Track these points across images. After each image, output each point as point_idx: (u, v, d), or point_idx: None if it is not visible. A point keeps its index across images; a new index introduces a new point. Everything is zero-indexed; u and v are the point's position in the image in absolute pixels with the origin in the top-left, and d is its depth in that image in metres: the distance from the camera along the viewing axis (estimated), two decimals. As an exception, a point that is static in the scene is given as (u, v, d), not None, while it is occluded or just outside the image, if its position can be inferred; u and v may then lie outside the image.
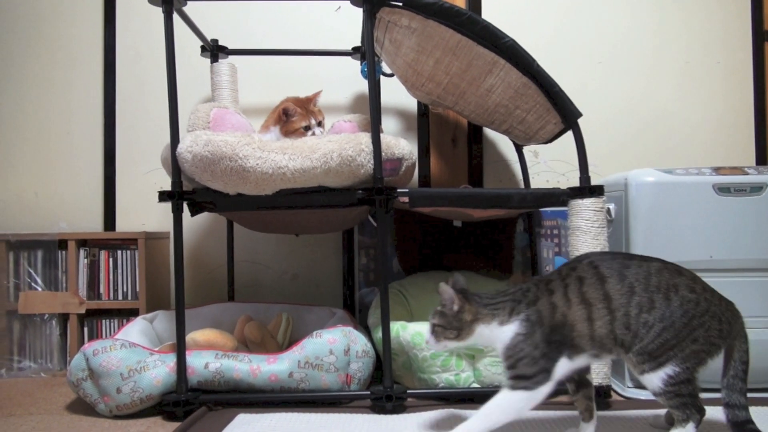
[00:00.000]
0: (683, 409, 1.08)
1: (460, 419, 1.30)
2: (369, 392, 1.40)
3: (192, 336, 1.50)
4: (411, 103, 2.11)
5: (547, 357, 1.09)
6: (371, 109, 1.42)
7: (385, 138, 1.44)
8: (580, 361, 1.11)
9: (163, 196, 1.40)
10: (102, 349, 1.39)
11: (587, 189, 1.42)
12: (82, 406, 1.46)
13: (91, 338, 1.84)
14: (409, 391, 1.40)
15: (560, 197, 1.46)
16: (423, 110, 2.08)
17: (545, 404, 1.11)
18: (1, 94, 2.13)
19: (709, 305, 1.09)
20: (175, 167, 1.40)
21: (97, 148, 2.12)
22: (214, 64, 1.93)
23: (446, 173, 2.06)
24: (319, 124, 1.66)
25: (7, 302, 1.82)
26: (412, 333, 1.46)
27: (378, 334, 1.53)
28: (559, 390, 1.16)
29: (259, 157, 1.30)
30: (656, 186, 1.51)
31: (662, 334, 1.07)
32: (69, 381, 1.40)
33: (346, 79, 2.11)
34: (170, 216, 1.41)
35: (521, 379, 1.08)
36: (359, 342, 1.48)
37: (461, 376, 1.44)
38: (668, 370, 1.07)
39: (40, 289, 1.82)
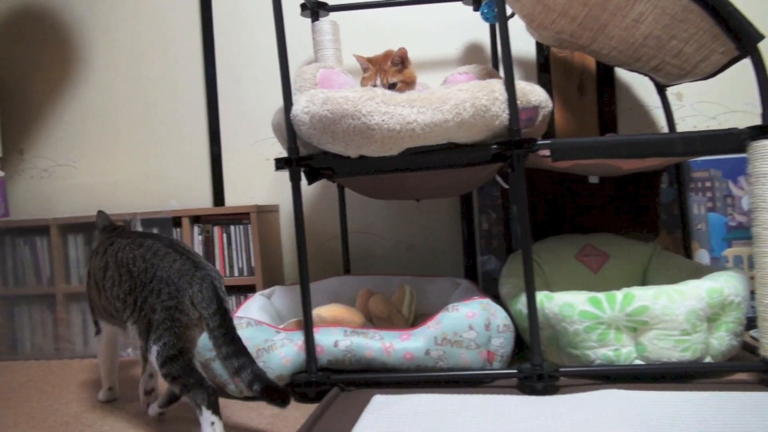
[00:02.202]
0: (187, 393, 1.04)
1: (625, 400, 1.13)
2: (516, 371, 1.25)
3: (317, 312, 1.40)
4: (527, 50, 1.90)
5: (91, 310, 1.30)
6: (503, 51, 1.24)
7: (519, 84, 1.26)
8: (113, 327, 1.23)
9: (280, 163, 1.30)
10: (228, 329, 1.32)
11: (774, 127, 1.18)
12: (211, 387, 1.41)
13: (210, 316, 1.80)
14: (561, 369, 1.24)
15: (738, 139, 1.22)
16: (543, 57, 1.87)
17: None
18: (109, 77, 2.12)
19: (156, 270, 1.07)
20: (290, 131, 1.29)
21: (202, 123, 2.08)
22: (315, 22, 1.80)
23: (572, 125, 1.84)
24: (392, 86, 1.40)
25: (128, 282, 1.81)
26: (560, 304, 1.29)
27: (517, 306, 1.38)
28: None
29: (385, 113, 1.16)
30: None
31: (135, 309, 1.08)
32: (198, 361, 1.35)
33: (454, 29, 1.93)
34: (277, 188, 1.31)
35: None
36: (499, 315, 1.33)
37: (621, 351, 1.26)
38: (154, 345, 1.05)
39: (158, 268, 1.80)
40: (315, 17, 1.81)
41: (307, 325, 1.29)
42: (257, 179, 2.04)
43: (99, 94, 2.12)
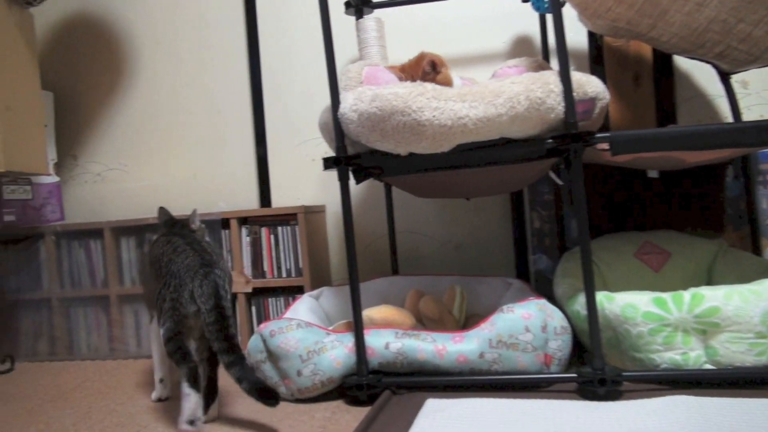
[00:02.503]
0: (177, 367, 1.15)
1: (694, 407, 1.06)
2: (576, 375, 1.19)
3: (367, 314, 1.38)
4: (579, 41, 1.83)
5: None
6: (557, 40, 1.18)
7: (575, 75, 1.21)
8: None
9: (328, 162, 1.28)
10: (278, 330, 1.31)
11: None
12: (262, 389, 1.40)
13: (258, 318, 1.80)
14: (624, 374, 1.17)
15: (817, 127, 1.13)
16: (596, 47, 1.79)
17: None
18: (158, 83, 2.15)
19: (171, 265, 1.19)
20: (338, 130, 1.27)
21: (248, 126, 2.08)
22: (360, 20, 1.78)
23: (628, 117, 1.76)
24: None
25: (179, 284, 1.83)
26: (622, 305, 1.23)
27: (574, 307, 1.32)
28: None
29: (436, 108, 1.12)
30: None
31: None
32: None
33: (501, 21, 1.88)
34: (323, 188, 1.29)
35: None
36: (556, 317, 1.28)
37: (690, 355, 1.19)
38: (161, 328, 1.18)
39: (207, 269, 1.81)
40: (359, 14, 1.79)
41: (357, 327, 1.27)
42: (303, 180, 2.03)
43: (148, 99, 2.16)
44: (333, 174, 2.00)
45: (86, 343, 1.88)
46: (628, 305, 1.22)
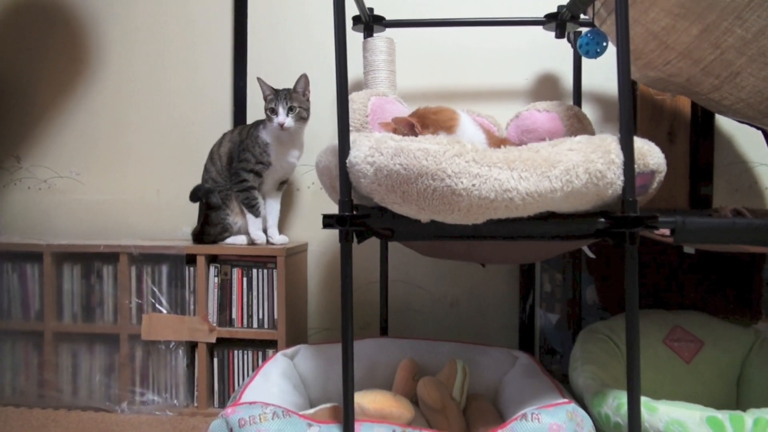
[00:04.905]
0: None
1: None
2: (610, 506, 0.99)
3: (359, 402, 1.14)
4: (609, 87, 1.64)
5: None
6: (622, 98, 0.97)
7: (636, 143, 1.00)
8: None
9: (329, 220, 1.04)
10: (250, 420, 1.06)
11: None
12: (221, 481, 1.15)
13: (221, 374, 1.54)
14: None
15: None
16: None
17: None
18: (125, 81, 1.86)
19: None
20: (344, 182, 1.02)
21: (225, 141, 1.82)
22: (369, 39, 1.54)
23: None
24: None
25: (129, 325, 1.56)
26: (667, 420, 1.02)
27: (601, 409, 1.11)
28: None
29: (477, 175, 0.89)
30: None
31: None
32: None
33: (525, 56, 1.67)
34: (306, 222, 1.06)
35: None
36: (586, 427, 1.07)
37: (746, 491, 0.99)
38: None
39: (165, 311, 1.54)
40: (369, 32, 1.55)
41: (347, 423, 1.03)
42: (284, 210, 1.77)
43: (112, 99, 1.87)
44: (318, 206, 1.76)
45: (11, 386, 1.58)
46: (674, 421, 1.02)
